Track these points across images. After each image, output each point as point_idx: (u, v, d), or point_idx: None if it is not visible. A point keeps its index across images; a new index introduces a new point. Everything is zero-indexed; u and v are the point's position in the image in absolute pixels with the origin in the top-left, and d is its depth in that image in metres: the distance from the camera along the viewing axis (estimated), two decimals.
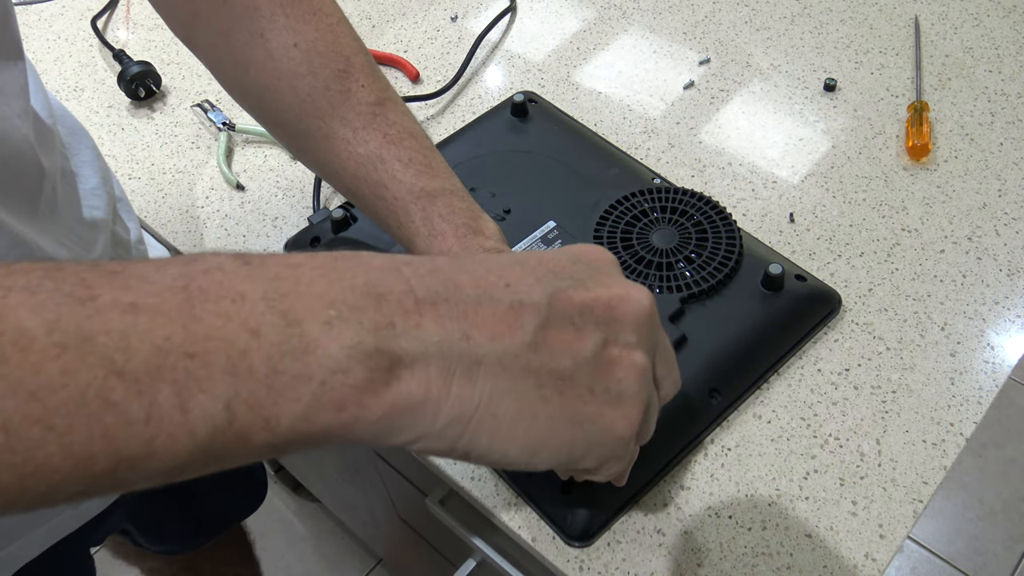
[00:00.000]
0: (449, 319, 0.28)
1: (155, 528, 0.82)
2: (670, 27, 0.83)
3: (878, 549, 0.49)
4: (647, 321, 0.32)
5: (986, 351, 0.57)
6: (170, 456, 0.24)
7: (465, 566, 0.67)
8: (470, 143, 0.69)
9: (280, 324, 0.25)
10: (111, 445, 0.22)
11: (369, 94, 0.48)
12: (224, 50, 0.49)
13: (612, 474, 0.35)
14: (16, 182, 0.43)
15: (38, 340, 0.22)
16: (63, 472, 0.22)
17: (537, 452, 0.31)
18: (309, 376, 0.25)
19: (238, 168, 0.74)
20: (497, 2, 0.87)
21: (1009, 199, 0.66)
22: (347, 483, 1.03)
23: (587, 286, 0.31)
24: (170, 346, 0.23)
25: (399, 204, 0.47)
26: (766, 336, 0.56)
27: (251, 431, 0.25)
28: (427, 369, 0.27)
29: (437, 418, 0.28)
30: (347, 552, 1.47)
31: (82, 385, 0.22)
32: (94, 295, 0.23)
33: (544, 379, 0.30)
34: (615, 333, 0.31)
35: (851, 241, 0.64)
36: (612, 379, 0.31)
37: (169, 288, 0.24)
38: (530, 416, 0.30)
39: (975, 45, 0.78)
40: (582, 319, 0.31)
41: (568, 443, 0.31)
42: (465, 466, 0.54)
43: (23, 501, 0.22)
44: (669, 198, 0.63)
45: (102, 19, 0.88)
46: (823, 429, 0.54)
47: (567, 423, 0.31)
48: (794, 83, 0.76)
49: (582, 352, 0.30)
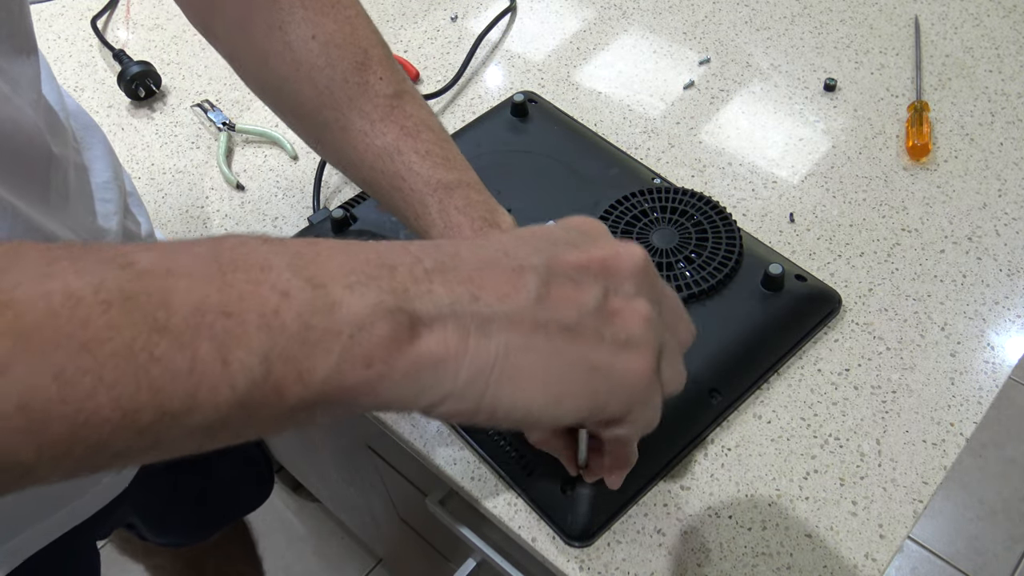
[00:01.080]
0: (457, 284, 0.30)
1: (161, 520, 0.82)
2: (670, 27, 0.83)
3: (878, 549, 0.49)
4: (643, 272, 0.34)
5: (986, 351, 0.57)
6: (211, 409, 0.25)
7: (465, 566, 0.67)
8: (470, 143, 0.69)
9: (306, 287, 0.26)
10: (156, 397, 0.24)
11: (387, 86, 0.49)
12: (242, 41, 0.49)
13: (644, 423, 0.36)
14: (28, 170, 0.44)
15: (85, 299, 0.23)
16: (111, 424, 0.23)
17: (560, 402, 0.32)
18: (338, 331, 0.26)
19: (238, 168, 0.74)
20: (497, 2, 0.87)
21: (1009, 199, 0.66)
22: (347, 483, 1.03)
23: (581, 248, 0.33)
24: (207, 306, 0.25)
25: (416, 196, 0.47)
26: (766, 336, 0.56)
27: (286, 384, 0.26)
28: (444, 328, 0.29)
29: (458, 375, 0.29)
30: (347, 552, 1.47)
31: (128, 339, 0.23)
32: (132, 262, 0.24)
33: (553, 331, 0.31)
34: (614, 286, 0.33)
35: (851, 241, 0.64)
36: (618, 326, 0.32)
37: (201, 258, 0.26)
38: (546, 366, 0.31)
39: (975, 45, 0.78)
40: (580, 276, 0.32)
41: (588, 390, 0.32)
42: (465, 466, 0.54)
43: (71, 457, 0.23)
44: (669, 198, 0.63)
45: (102, 19, 0.88)
46: (823, 429, 0.54)
47: (583, 370, 0.32)
48: (794, 83, 0.76)
49: (585, 304, 0.32)
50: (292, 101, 0.50)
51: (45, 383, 0.22)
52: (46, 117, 0.46)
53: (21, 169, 0.43)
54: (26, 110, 0.43)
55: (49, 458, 0.23)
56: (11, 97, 0.41)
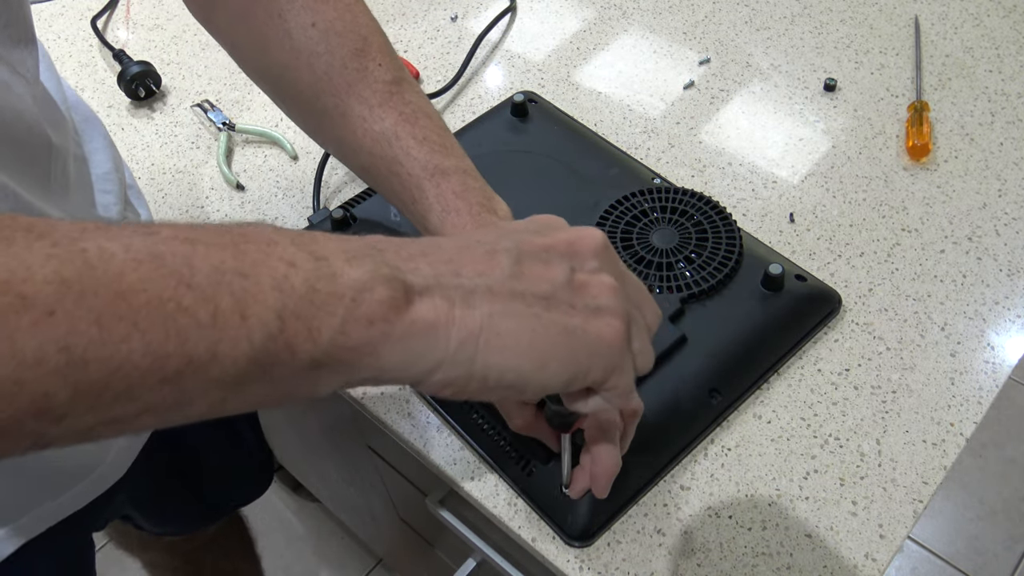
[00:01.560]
0: (439, 263, 0.33)
1: (158, 509, 0.82)
2: (670, 27, 0.83)
3: (878, 549, 0.49)
4: (604, 251, 0.37)
5: (986, 351, 0.57)
6: (230, 362, 0.27)
7: (465, 566, 0.67)
8: (470, 143, 0.69)
9: (310, 259, 0.29)
10: (183, 345, 0.26)
11: (386, 73, 0.49)
12: (243, 31, 0.50)
13: (622, 391, 0.37)
14: (29, 159, 0.45)
15: (117, 256, 0.25)
16: (141, 371, 0.25)
17: (545, 365, 0.34)
18: (341, 295, 0.29)
19: (238, 168, 0.74)
20: (497, 2, 0.87)
21: (1009, 199, 0.66)
22: (347, 483, 1.03)
23: (545, 234, 0.37)
24: (225, 267, 0.27)
25: (413, 181, 0.48)
26: (766, 336, 0.56)
27: (297, 342, 0.28)
28: (432, 298, 0.32)
29: (449, 341, 0.32)
30: (347, 552, 1.47)
31: (158, 291, 0.25)
32: (156, 231, 0.27)
33: (530, 300, 0.34)
34: (579, 263, 0.36)
35: (851, 241, 0.64)
36: (588, 296, 0.35)
37: (215, 232, 0.28)
38: (528, 330, 0.33)
39: (975, 45, 0.78)
40: (547, 255, 0.35)
41: (569, 352, 0.34)
42: (465, 466, 0.54)
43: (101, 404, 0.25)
44: (669, 198, 0.63)
45: (102, 19, 0.88)
46: (823, 429, 0.54)
47: (562, 333, 0.34)
48: (794, 83, 0.76)
49: (556, 279, 0.35)
50: (292, 88, 0.50)
51: (86, 327, 0.24)
52: (46, 107, 0.47)
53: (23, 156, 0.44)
54: (26, 99, 0.43)
55: (82, 403, 0.24)
56: (11, 85, 0.42)
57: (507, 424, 0.48)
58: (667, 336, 0.55)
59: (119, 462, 0.60)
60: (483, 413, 0.54)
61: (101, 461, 0.58)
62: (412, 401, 0.57)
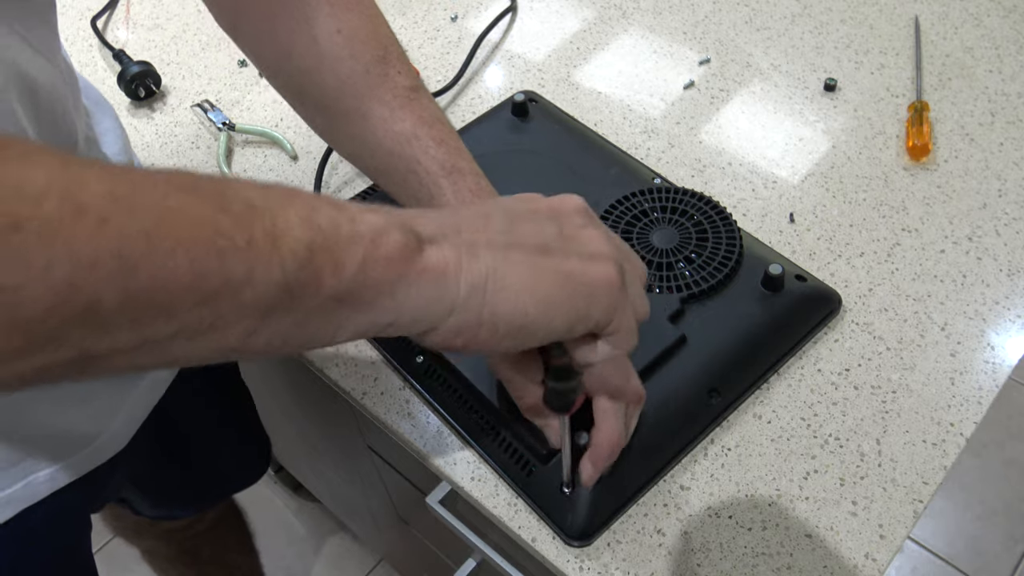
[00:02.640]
0: (440, 221, 0.36)
1: (156, 491, 0.82)
2: (670, 27, 0.83)
3: (878, 549, 0.49)
4: (585, 211, 0.41)
5: (986, 351, 0.57)
6: (263, 286, 0.29)
7: (465, 566, 0.67)
8: (470, 143, 0.69)
9: (330, 206, 0.32)
10: (223, 264, 0.28)
11: (405, 79, 0.52)
12: (268, 37, 0.52)
13: (624, 332, 0.40)
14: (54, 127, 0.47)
15: (160, 183, 0.27)
16: (183, 286, 0.27)
17: (549, 310, 0.37)
18: (361, 235, 0.32)
19: (238, 168, 0.74)
20: (497, 2, 0.87)
21: (1009, 199, 0.66)
22: (347, 483, 1.03)
23: (528, 204, 0.40)
24: (256, 202, 0.29)
25: (431, 178, 0.50)
26: (766, 336, 0.56)
27: (323, 275, 0.30)
28: (441, 247, 0.34)
29: (459, 287, 0.34)
30: (347, 552, 1.47)
31: (200, 213, 0.28)
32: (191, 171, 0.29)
33: (528, 249, 0.37)
34: (565, 221, 0.39)
35: (851, 241, 0.64)
36: (581, 244, 0.39)
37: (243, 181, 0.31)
38: (530, 276, 0.36)
39: (975, 45, 0.78)
40: (535, 217, 0.39)
41: (569, 295, 0.37)
42: (465, 466, 0.54)
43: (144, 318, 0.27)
44: (669, 198, 0.63)
45: (102, 19, 0.88)
46: (823, 429, 0.54)
47: (561, 278, 0.37)
48: (794, 83, 0.76)
49: (547, 234, 0.38)
50: (316, 92, 0.53)
51: (136, 238, 0.26)
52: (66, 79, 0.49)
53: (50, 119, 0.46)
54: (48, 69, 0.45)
55: (126, 314, 0.26)
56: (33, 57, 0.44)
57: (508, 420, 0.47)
58: (667, 336, 0.55)
59: (120, 433, 0.60)
60: (484, 413, 0.54)
61: (103, 430, 0.58)
62: (412, 401, 0.57)
